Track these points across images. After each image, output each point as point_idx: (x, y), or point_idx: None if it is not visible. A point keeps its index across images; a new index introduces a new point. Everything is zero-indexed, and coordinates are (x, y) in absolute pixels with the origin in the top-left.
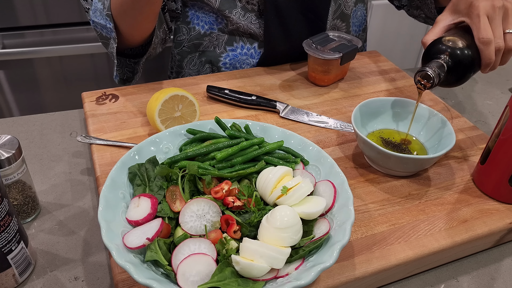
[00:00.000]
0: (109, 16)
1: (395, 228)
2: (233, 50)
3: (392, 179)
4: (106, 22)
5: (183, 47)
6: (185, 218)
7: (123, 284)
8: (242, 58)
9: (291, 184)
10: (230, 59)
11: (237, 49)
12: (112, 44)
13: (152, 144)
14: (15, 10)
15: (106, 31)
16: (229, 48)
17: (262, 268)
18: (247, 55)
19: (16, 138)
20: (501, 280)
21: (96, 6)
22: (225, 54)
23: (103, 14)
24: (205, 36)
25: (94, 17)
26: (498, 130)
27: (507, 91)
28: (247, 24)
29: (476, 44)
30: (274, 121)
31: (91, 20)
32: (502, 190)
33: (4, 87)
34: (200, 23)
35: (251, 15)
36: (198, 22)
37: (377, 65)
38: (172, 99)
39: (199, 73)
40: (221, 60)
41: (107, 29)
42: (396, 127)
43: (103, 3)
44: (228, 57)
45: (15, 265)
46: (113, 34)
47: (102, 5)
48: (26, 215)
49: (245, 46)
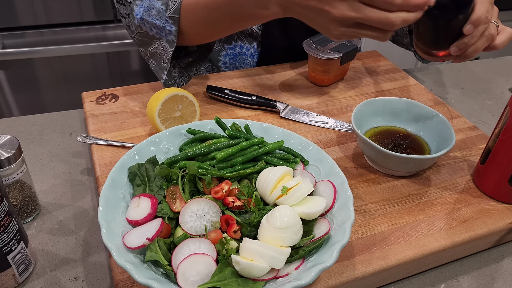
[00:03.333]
0: (173, 19)
1: (395, 228)
2: (232, 49)
3: (392, 179)
4: (166, 24)
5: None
6: (185, 218)
7: (123, 284)
8: (242, 58)
9: (291, 184)
10: (229, 59)
11: (236, 48)
12: (166, 47)
13: (152, 144)
14: (15, 10)
15: (159, 33)
16: (228, 46)
17: (262, 268)
18: (246, 54)
19: (16, 138)
20: (501, 280)
21: (152, 4)
22: (224, 53)
23: (163, 15)
24: None
25: (147, 15)
26: (498, 130)
27: (507, 91)
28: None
29: (472, 18)
30: (274, 121)
31: (139, 17)
32: (502, 190)
33: (4, 87)
34: None
35: None
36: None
37: (377, 65)
38: (172, 99)
39: (199, 71)
40: (220, 59)
41: (163, 31)
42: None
43: (167, 4)
44: (227, 56)
45: (15, 265)
46: (171, 37)
47: (163, 6)
48: (26, 215)
49: (244, 46)
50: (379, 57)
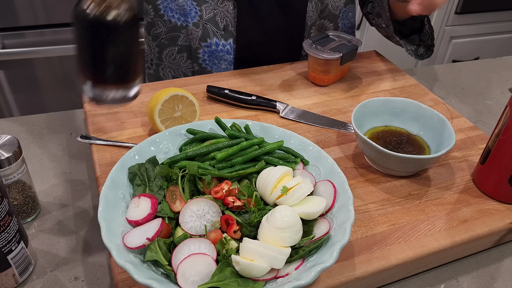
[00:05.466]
0: None
1: (395, 228)
2: (208, 46)
3: (392, 179)
4: None
5: (161, 39)
6: (185, 218)
7: (123, 284)
8: (219, 54)
9: (291, 184)
10: (208, 56)
11: (211, 46)
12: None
13: (152, 144)
14: (15, 10)
15: None
16: (204, 44)
17: (262, 268)
18: (223, 51)
19: (16, 138)
20: (501, 280)
21: None
22: (201, 50)
23: None
24: (181, 29)
25: None
26: (498, 130)
27: (507, 91)
28: (224, 12)
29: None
30: (274, 121)
31: None
32: (502, 190)
33: (4, 87)
34: (175, 15)
35: (228, 3)
36: (173, 15)
37: (377, 65)
38: (172, 99)
39: (179, 67)
40: (199, 57)
41: None
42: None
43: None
44: (205, 54)
45: (15, 265)
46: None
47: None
48: (26, 215)
49: (219, 43)
50: (379, 57)
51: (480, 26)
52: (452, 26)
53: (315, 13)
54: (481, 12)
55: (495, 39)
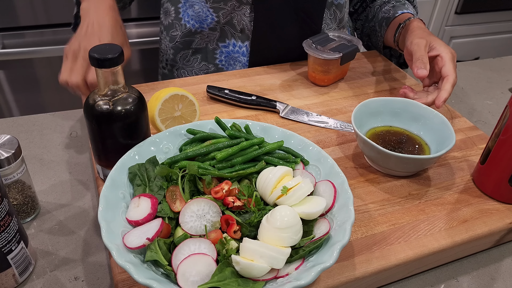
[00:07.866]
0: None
1: (395, 228)
2: (225, 47)
3: (392, 179)
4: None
5: (176, 42)
6: (185, 218)
7: (123, 284)
8: (235, 56)
9: (291, 184)
10: (225, 56)
11: (229, 46)
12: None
13: (152, 144)
14: (15, 10)
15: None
16: (222, 44)
17: (262, 268)
18: (238, 52)
19: (16, 138)
20: (501, 280)
21: None
22: (219, 51)
23: None
24: (196, 34)
25: None
26: (498, 130)
27: (507, 91)
28: (241, 16)
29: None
30: (274, 121)
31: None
32: (502, 190)
33: (4, 87)
34: (191, 21)
35: (245, 7)
36: (188, 20)
37: (377, 65)
38: (172, 98)
39: (193, 69)
40: (216, 57)
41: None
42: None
43: None
44: (222, 54)
45: (15, 265)
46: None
47: None
48: (26, 215)
49: (236, 44)
50: (379, 57)
51: (480, 26)
52: (452, 26)
53: (333, 21)
54: (481, 12)
55: (495, 39)
